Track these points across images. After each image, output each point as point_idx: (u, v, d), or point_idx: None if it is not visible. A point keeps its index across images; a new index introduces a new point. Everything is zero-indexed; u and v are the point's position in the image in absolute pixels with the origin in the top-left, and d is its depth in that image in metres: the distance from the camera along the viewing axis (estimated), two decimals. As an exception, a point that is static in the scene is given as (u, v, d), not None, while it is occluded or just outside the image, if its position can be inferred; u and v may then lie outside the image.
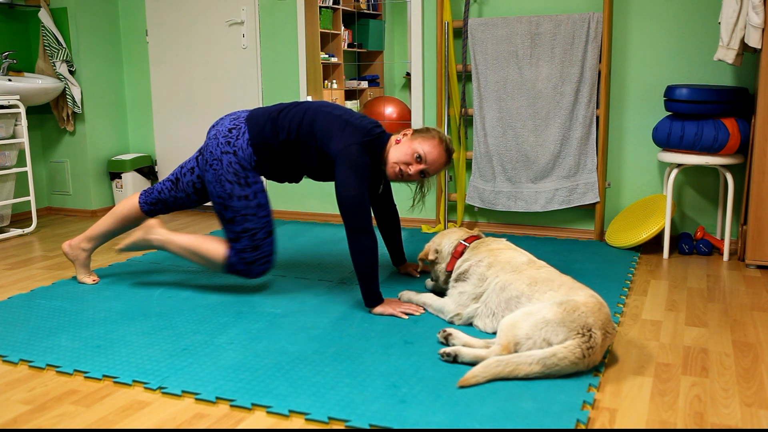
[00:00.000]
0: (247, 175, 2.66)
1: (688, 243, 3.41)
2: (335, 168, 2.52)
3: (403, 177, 2.61)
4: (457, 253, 2.53)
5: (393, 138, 2.66)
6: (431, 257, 2.63)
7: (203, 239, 2.75)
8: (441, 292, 2.65)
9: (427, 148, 2.58)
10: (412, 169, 2.58)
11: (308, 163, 2.69)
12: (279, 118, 2.67)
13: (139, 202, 2.92)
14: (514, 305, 2.19)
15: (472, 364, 2.00)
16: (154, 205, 2.92)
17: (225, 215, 2.68)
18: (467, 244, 2.54)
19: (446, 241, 2.61)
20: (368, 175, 2.53)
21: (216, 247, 2.71)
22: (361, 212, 2.46)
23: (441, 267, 2.60)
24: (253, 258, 2.68)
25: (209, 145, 2.70)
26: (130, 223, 2.96)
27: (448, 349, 2.08)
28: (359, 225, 2.45)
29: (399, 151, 2.60)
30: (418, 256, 2.75)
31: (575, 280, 2.20)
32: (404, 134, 2.64)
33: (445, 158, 2.63)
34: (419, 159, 2.58)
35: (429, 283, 2.82)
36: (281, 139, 2.64)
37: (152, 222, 2.82)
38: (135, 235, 2.83)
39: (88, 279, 3.00)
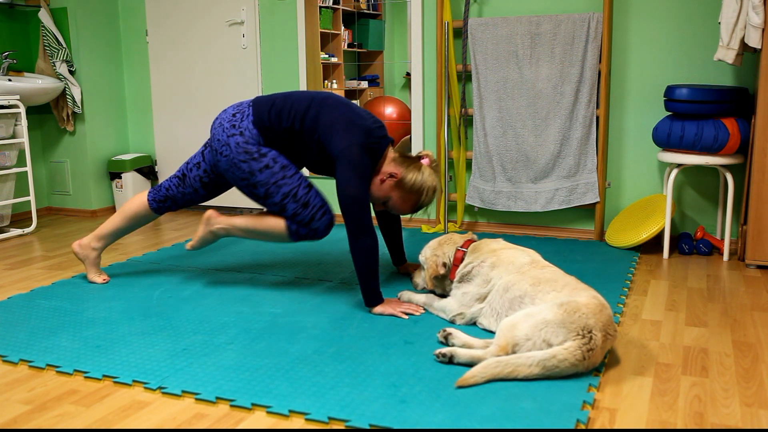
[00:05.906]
0: (258, 149, 2.67)
1: (688, 243, 3.41)
2: (336, 167, 2.53)
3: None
4: (458, 260, 2.50)
5: (389, 155, 2.66)
6: (441, 271, 2.52)
7: (262, 217, 2.75)
8: (437, 293, 2.64)
9: (397, 202, 2.67)
10: (377, 207, 2.78)
11: (309, 155, 2.70)
12: (283, 105, 2.68)
13: (148, 200, 2.92)
14: (518, 305, 2.18)
15: (469, 365, 2.00)
16: (162, 202, 2.92)
17: (258, 193, 2.69)
18: (465, 249, 2.51)
19: (443, 251, 2.54)
20: (369, 176, 2.55)
21: (275, 222, 2.72)
22: (362, 211, 2.47)
23: (447, 280, 2.56)
24: (308, 216, 2.67)
25: (215, 134, 2.72)
26: (139, 221, 2.96)
27: (443, 350, 2.07)
28: (360, 224, 2.46)
29: (377, 188, 2.65)
30: (429, 276, 2.59)
31: (579, 281, 2.19)
32: (391, 176, 2.62)
33: (411, 210, 2.72)
34: (385, 204, 2.71)
35: (419, 282, 2.69)
36: (284, 126, 2.66)
37: (209, 213, 2.83)
38: (199, 231, 2.86)
39: (99, 278, 3.00)
